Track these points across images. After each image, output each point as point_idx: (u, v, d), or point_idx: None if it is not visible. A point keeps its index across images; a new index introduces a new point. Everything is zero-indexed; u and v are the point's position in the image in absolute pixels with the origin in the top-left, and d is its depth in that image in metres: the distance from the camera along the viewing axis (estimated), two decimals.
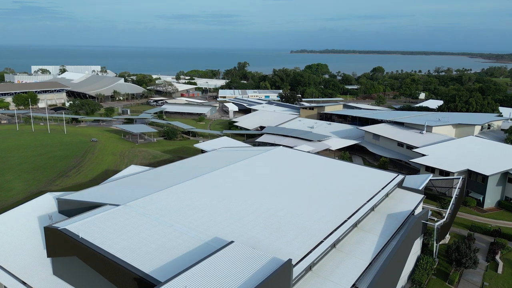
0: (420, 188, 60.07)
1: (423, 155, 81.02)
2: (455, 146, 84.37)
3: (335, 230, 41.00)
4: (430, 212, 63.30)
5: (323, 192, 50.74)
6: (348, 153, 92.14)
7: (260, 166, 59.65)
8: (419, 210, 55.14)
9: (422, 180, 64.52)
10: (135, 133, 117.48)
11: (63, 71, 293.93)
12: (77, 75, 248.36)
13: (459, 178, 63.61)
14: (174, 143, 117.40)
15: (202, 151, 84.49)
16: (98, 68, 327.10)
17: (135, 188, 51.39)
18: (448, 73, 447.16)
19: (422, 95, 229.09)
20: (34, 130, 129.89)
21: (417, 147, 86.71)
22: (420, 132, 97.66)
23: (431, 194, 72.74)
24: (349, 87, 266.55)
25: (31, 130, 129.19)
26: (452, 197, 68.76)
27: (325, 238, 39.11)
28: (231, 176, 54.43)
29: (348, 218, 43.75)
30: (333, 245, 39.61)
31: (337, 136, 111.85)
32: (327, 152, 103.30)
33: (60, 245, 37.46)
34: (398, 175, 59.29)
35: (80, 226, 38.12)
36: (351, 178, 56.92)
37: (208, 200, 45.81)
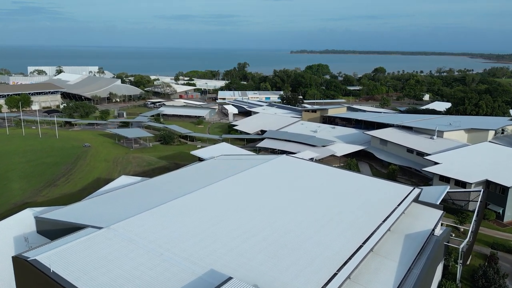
0: (438, 203, 54.79)
1: (436, 163, 75.57)
2: (470, 153, 78.96)
3: (350, 258, 35.56)
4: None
5: (333, 210, 45.28)
6: (355, 160, 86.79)
7: (261, 179, 54.20)
8: (439, 228, 49.70)
9: (438, 192, 59.23)
10: (129, 138, 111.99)
11: (59, 72, 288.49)
12: (73, 76, 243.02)
13: (480, 191, 58.18)
14: (171, 148, 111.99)
15: (200, 159, 79.08)
16: (95, 69, 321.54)
17: (122, 205, 46.01)
18: (450, 73, 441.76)
19: (426, 97, 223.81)
20: (25, 134, 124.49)
21: (429, 154, 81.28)
22: (430, 138, 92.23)
23: (446, 206, 67.25)
24: (351, 88, 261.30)
25: (22, 134, 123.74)
26: (470, 211, 63.48)
27: (339, 270, 33.65)
28: (229, 191, 48.97)
29: (364, 243, 38.31)
30: (348, 277, 34.23)
31: (342, 141, 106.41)
32: (332, 158, 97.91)
33: (29, 278, 32.11)
34: (414, 188, 53.83)
35: (54, 256, 32.68)
36: (363, 193, 51.46)
37: (203, 221, 40.36)
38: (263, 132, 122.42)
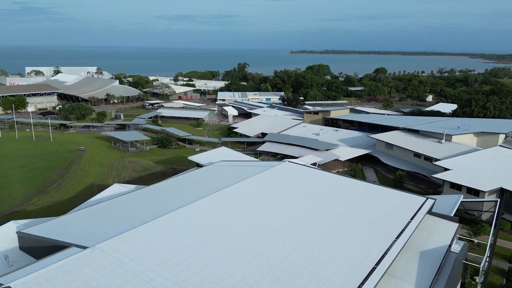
0: (452, 214, 51.08)
1: (446, 169, 71.87)
2: (481, 158, 75.25)
3: (364, 282, 31.84)
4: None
5: (342, 225, 41.55)
6: (360, 165, 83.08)
7: (262, 189, 50.41)
8: (455, 242, 45.94)
9: (451, 202, 55.46)
10: (126, 141, 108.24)
11: (57, 72, 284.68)
12: (70, 77, 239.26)
13: (497, 201, 54.48)
14: (168, 151, 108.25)
15: (197, 165, 75.32)
16: (93, 69, 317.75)
17: (112, 220, 42.26)
18: (451, 73, 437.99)
19: (429, 98, 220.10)
20: (19, 137, 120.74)
21: (438, 159, 77.61)
22: (438, 142, 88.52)
23: (457, 215, 63.53)
24: (353, 88, 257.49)
25: (15, 137, 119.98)
26: (484, 221, 59.80)
27: None
28: (228, 203, 45.21)
29: (377, 264, 34.58)
30: None
31: (345, 145, 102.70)
32: (335, 163, 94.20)
33: None
34: (427, 199, 50.10)
35: (30, 283, 29.00)
36: (372, 204, 47.73)
37: (199, 239, 36.61)
38: (263, 135, 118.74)
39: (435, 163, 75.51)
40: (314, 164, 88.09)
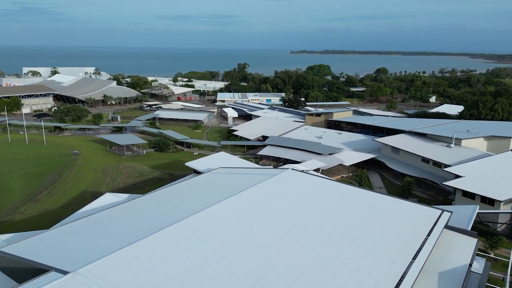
0: (470, 228, 47.29)
1: (458, 176, 68.04)
2: (494, 164, 71.42)
3: None
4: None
5: (354, 242, 37.71)
6: (366, 172, 79.24)
7: (266, 200, 46.57)
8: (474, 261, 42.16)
9: (467, 214, 51.65)
10: (121, 145, 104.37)
11: (54, 73, 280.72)
12: (67, 78, 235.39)
13: None
14: (166, 155, 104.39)
15: (195, 171, 71.55)
16: (91, 69, 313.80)
17: (98, 237, 38.43)
18: (453, 74, 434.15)
19: (432, 99, 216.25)
20: (11, 140, 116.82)
21: (448, 165, 73.80)
22: (447, 146, 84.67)
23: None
24: (354, 89, 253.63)
25: (8, 141, 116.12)
26: (501, 233, 56.03)
27: None
28: (229, 217, 41.39)
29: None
30: None
31: (349, 149, 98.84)
32: (339, 168, 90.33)
33: None
34: (442, 211, 46.31)
35: None
36: (385, 218, 43.91)
37: (197, 260, 32.78)
38: (264, 138, 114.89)
39: (445, 169, 71.67)
40: (317, 169, 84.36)
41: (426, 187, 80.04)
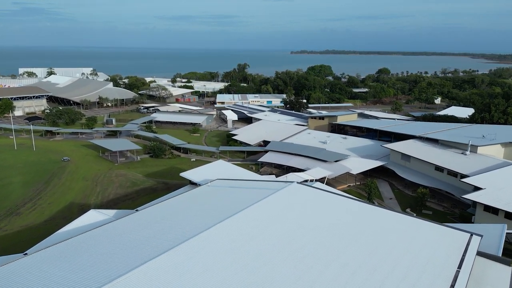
0: (500, 253, 41.47)
1: (477, 187, 62.33)
2: None
3: None
4: None
5: (377, 274, 31.85)
6: (375, 182, 73.44)
7: (271, 221, 40.71)
8: None
9: (494, 235, 45.71)
10: (113, 151, 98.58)
11: (50, 73, 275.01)
12: (63, 79, 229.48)
13: None
14: (161, 162, 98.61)
15: (191, 182, 65.82)
16: (88, 70, 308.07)
17: (74, 269, 32.65)
18: (455, 74, 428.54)
19: (437, 100, 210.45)
20: None
21: (466, 175, 68.10)
22: (462, 153, 78.92)
23: None
24: (357, 90, 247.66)
25: None
26: None
27: None
28: (230, 241, 35.50)
29: None
30: None
31: (356, 155, 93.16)
32: (346, 176, 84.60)
33: None
34: (471, 235, 40.53)
35: None
36: (409, 244, 38.07)
37: None
38: (265, 143, 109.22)
39: (463, 180, 65.90)
40: (323, 178, 78.67)
41: (441, 198, 74.24)
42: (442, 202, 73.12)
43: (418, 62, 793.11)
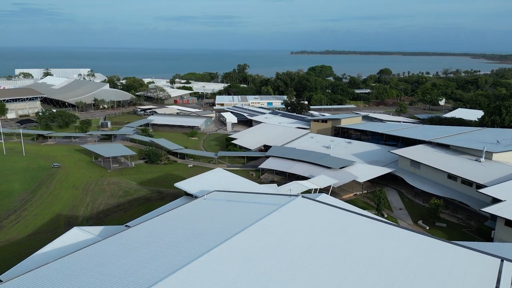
0: None
1: (496, 199, 57.46)
2: None
3: None
4: None
5: None
6: (384, 192, 68.51)
7: (273, 244, 35.79)
8: None
9: None
10: (106, 157, 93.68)
11: (46, 74, 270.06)
12: (59, 80, 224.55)
13: None
14: (157, 168, 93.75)
15: (186, 194, 60.95)
16: (85, 71, 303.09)
17: None
18: (457, 74, 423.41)
19: (442, 102, 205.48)
20: None
21: (483, 185, 63.25)
22: (476, 160, 74.09)
23: None
24: (359, 91, 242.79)
25: None
26: None
27: None
28: (226, 273, 30.62)
29: None
30: None
31: (362, 161, 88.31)
32: (352, 184, 79.72)
33: None
34: (502, 261, 35.64)
35: None
36: (432, 271, 33.12)
37: None
38: (266, 147, 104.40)
39: (480, 190, 61.00)
40: (328, 187, 73.83)
41: (454, 208, 69.32)
42: (456, 213, 68.21)
43: (418, 63, 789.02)
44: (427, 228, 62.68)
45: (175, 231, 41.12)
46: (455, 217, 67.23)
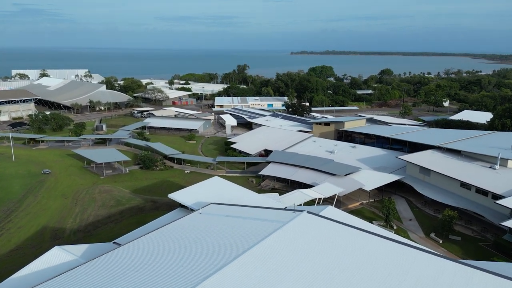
0: None
1: None
2: None
3: None
4: None
5: None
6: (394, 202, 64.05)
7: (278, 271, 31.34)
8: None
9: None
10: (98, 163, 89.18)
11: (43, 75, 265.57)
12: (54, 81, 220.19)
13: None
14: (152, 175, 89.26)
15: (181, 205, 56.53)
16: (82, 72, 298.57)
17: None
18: (459, 75, 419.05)
19: (446, 103, 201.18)
20: None
21: (500, 195, 58.88)
22: (490, 167, 69.70)
23: None
24: (361, 92, 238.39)
25: None
26: None
27: None
28: None
29: None
30: None
31: (368, 167, 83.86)
32: (358, 192, 75.22)
33: None
34: None
35: None
36: None
37: None
38: (267, 152, 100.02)
39: (499, 202, 56.60)
40: (333, 196, 69.45)
41: (469, 219, 64.88)
42: (470, 224, 63.79)
43: (419, 63, 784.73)
44: (441, 241, 58.26)
45: (167, 253, 36.64)
46: (470, 229, 62.79)
